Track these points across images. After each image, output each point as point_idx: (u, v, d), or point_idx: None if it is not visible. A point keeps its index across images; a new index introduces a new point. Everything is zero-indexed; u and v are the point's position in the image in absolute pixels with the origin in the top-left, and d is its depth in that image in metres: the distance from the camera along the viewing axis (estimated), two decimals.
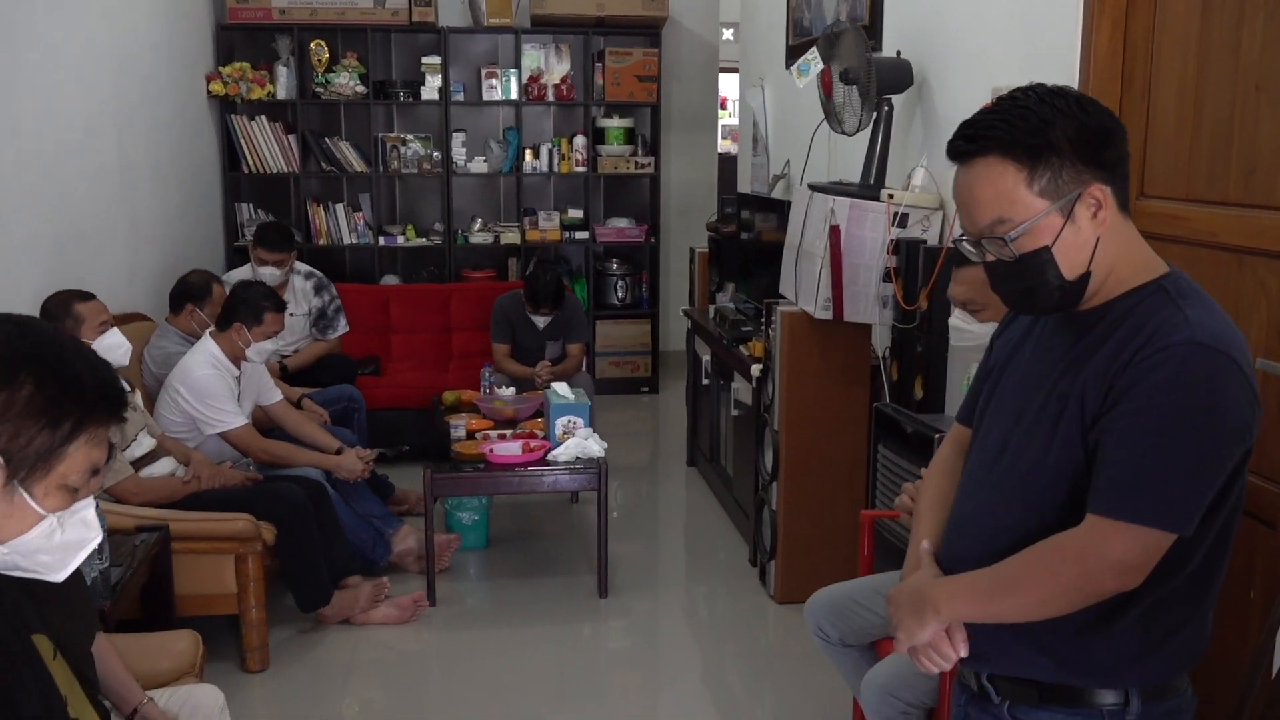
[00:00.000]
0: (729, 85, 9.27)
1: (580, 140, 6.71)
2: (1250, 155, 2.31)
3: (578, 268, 7.01)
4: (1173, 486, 1.40)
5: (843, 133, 3.79)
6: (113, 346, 3.46)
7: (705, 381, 5.04)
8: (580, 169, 6.75)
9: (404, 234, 6.65)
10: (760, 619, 3.84)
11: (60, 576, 1.35)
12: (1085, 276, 1.47)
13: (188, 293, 4.33)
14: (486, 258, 6.87)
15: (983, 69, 3.32)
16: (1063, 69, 2.86)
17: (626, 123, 6.78)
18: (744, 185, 6.38)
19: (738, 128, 10.70)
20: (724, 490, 4.86)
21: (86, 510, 1.34)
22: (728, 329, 4.62)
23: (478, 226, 6.73)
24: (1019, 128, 1.44)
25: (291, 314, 4.94)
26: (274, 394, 4.14)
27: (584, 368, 5.37)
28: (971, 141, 1.47)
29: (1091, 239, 1.46)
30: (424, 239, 6.70)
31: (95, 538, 1.36)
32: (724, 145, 9.49)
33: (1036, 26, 3.04)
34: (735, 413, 4.46)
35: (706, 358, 5.02)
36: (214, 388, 3.78)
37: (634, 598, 4.00)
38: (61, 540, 1.32)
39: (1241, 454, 1.44)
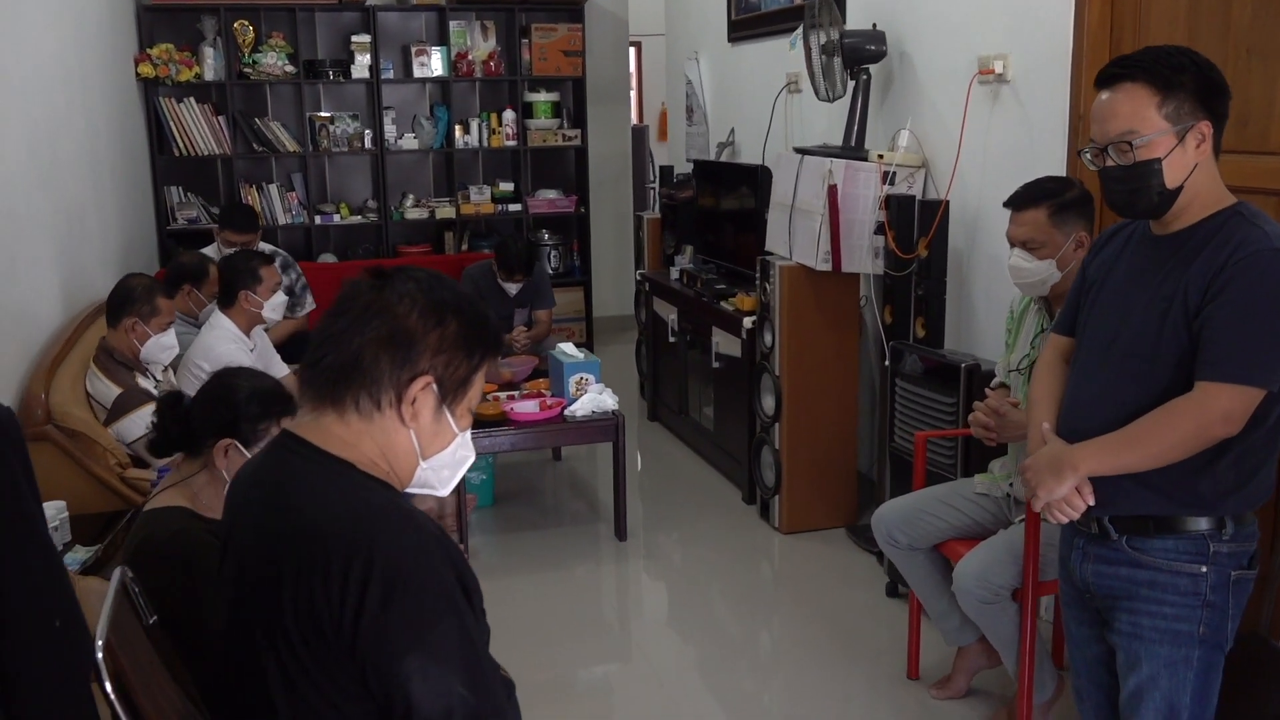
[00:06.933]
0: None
1: (509, 114, 6.88)
2: (1243, 110, 2.74)
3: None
4: (1263, 353, 1.84)
5: (826, 99, 4.14)
6: (169, 346, 3.60)
7: (672, 339, 5.32)
8: (510, 143, 6.92)
9: (339, 212, 6.70)
10: (769, 548, 4.19)
11: (447, 491, 1.57)
12: (1178, 191, 1.89)
13: (184, 274, 4.37)
14: (420, 233, 6.99)
15: (965, 39, 3.69)
16: (1054, 38, 3.26)
17: (553, 96, 6.98)
18: (675, 155, 6.68)
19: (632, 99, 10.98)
20: (699, 439, 5.17)
21: (468, 432, 1.56)
22: (703, 288, 4.92)
23: (410, 203, 6.84)
24: (1161, 63, 1.86)
25: None
26: (281, 367, 4.25)
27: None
28: (1122, 68, 1.89)
29: (1191, 163, 1.89)
30: (359, 216, 6.77)
31: (473, 456, 1.58)
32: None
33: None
34: (716, 365, 4.76)
35: (672, 317, 5.30)
36: (239, 361, 3.87)
37: (649, 538, 4.30)
38: (458, 457, 1.54)
39: None
